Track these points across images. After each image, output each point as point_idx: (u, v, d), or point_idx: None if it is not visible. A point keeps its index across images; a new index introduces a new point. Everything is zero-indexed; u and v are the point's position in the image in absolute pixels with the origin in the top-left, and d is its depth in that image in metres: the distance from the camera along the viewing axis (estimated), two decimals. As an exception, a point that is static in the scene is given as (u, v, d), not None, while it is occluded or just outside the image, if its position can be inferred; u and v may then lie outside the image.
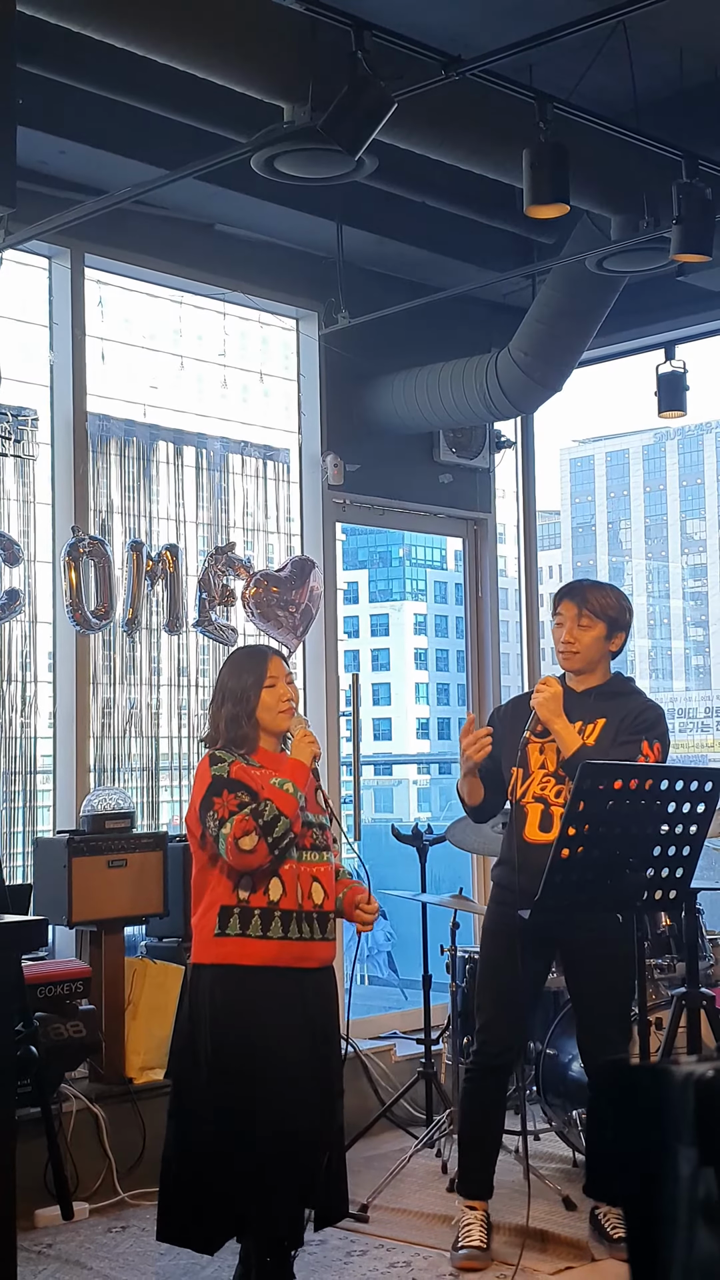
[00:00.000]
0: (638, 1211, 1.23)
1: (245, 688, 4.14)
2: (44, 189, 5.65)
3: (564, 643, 4.69)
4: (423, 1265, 4.56)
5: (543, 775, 4.60)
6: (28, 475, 5.84)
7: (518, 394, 6.56)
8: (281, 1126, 3.88)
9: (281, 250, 6.66)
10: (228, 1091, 3.92)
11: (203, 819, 3.99)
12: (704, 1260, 1.16)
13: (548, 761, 4.59)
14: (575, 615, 4.67)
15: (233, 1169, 3.90)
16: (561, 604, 4.73)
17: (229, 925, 3.98)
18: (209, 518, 6.50)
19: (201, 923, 4.05)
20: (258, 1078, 3.91)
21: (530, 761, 4.62)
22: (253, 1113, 3.89)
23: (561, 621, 4.70)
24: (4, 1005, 3.56)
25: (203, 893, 4.07)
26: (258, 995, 3.96)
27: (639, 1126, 1.23)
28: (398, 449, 7.19)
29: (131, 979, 5.52)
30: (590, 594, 4.70)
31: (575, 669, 4.68)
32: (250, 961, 3.97)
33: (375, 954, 9.05)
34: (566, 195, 4.79)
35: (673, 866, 4.11)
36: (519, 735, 4.63)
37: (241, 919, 3.98)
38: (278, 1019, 3.97)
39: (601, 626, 4.66)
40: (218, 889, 4.02)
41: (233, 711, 4.13)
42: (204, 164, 5.06)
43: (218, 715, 4.17)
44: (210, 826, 3.97)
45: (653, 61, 5.53)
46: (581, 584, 4.81)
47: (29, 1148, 4.23)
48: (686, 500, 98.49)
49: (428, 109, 4.91)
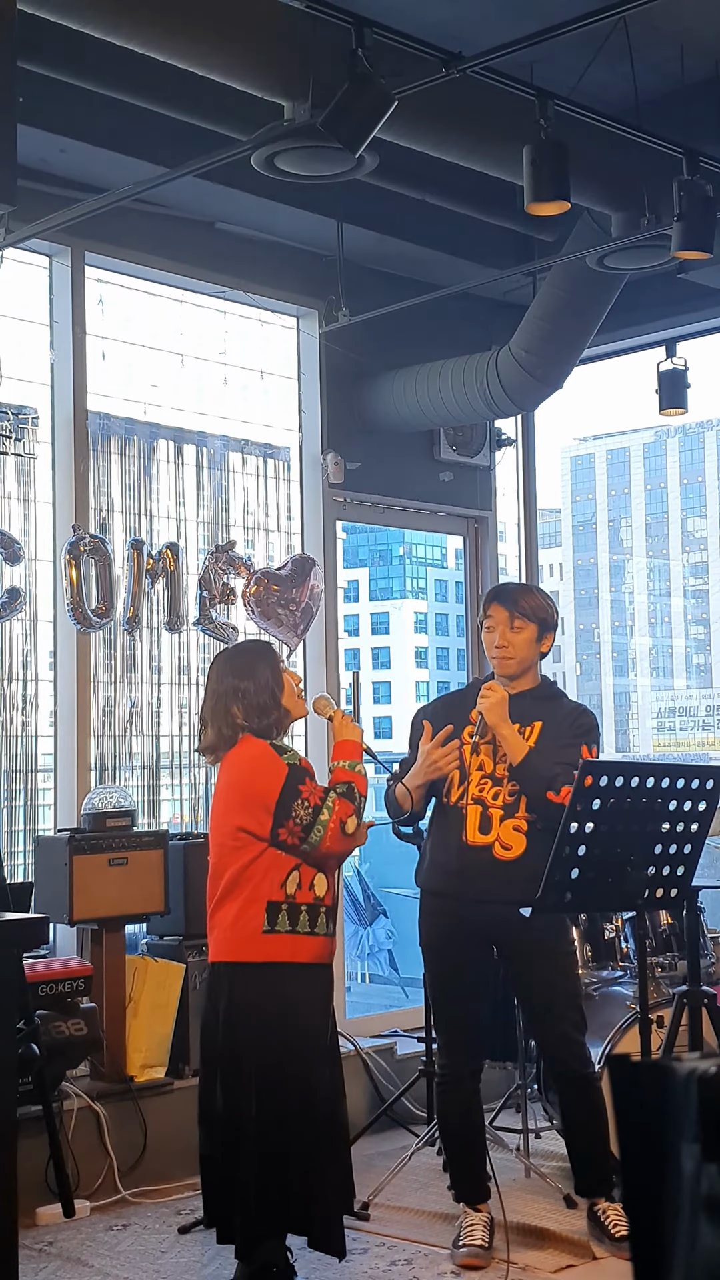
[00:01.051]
0: (640, 1208, 1.23)
1: (268, 677, 4.12)
2: (44, 187, 5.65)
3: (497, 647, 4.64)
4: (424, 1263, 4.56)
5: (480, 777, 4.56)
6: (28, 474, 5.83)
7: (518, 391, 6.56)
8: (331, 1122, 3.95)
9: (282, 248, 6.66)
10: (281, 1090, 3.92)
11: (286, 809, 3.93)
12: (707, 1257, 1.16)
13: (484, 763, 4.56)
14: (507, 619, 4.63)
15: (288, 1169, 3.91)
16: (491, 608, 4.69)
17: (278, 921, 3.94)
18: (209, 516, 6.50)
19: (241, 919, 3.98)
20: (299, 1072, 3.95)
21: (467, 762, 4.58)
22: (295, 1107, 3.92)
23: (492, 626, 4.66)
24: (5, 1003, 3.56)
25: (240, 888, 3.99)
26: (303, 991, 3.98)
27: (642, 1123, 1.23)
28: (398, 447, 7.19)
29: (132, 977, 5.52)
30: (519, 596, 4.68)
31: (511, 673, 4.64)
32: (300, 959, 3.97)
33: (376, 952, 9.05)
34: (567, 192, 4.79)
35: (674, 864, 4.12)
36: (454, 736, 4.59)
37: (290, 915, 3.95)
38: (319, 1017, 4.01)
39: (533, 628, 4.64)
40: (263, 884, 3.96)
41: (262, 701, 4.09)
42: (204, 162, 5.06)
43: (234, 710, 4.08)
44: (302, 815, 3.93)
45: (653, 58, 5.53)
46: (509, 587, 4.81)
47: (30, 1146, 4.23)
48: (687, 498, 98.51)
49: (428, 106, 4.90)
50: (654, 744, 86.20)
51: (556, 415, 67.10)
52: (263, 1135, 3.92)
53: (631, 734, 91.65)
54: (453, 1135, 4.75)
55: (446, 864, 4.57)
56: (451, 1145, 4.76)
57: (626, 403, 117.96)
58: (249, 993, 3.97)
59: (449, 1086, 4.71)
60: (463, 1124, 4.71)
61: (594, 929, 5.50)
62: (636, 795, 3.96)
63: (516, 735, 4.49)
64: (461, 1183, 4.72)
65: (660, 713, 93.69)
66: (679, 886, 4.17)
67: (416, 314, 6.70)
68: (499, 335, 6.77)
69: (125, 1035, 5.45)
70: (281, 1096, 3.94)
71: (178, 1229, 4.86)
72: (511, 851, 4.49)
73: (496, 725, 4.48)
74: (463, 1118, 4.71)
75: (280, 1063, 3.94)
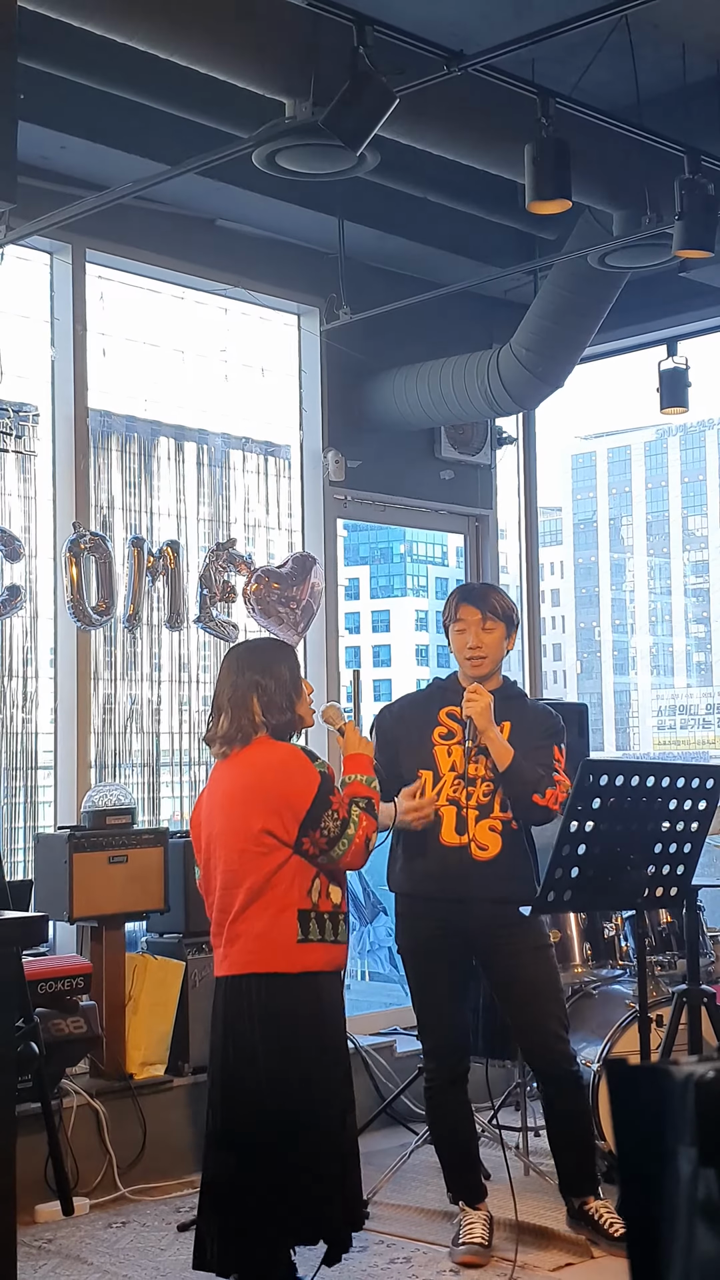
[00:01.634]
0: (637, 1212, 1.23)
1: (287, 678, 4.05)
2: (45, 184, 5.65)
3: (471, 648, 4.61)
4: (423, 1261, 4.56)
5: (453, 778, 4.53)
6: (29, 471, 5.83)
7: (519, 390, 6.56)
8: (344, 1132, 3.97)
9: (283, 246, 6.66)
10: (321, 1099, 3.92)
11: (317, 820, 3.86)
12: (704, 1261, 1.15)
13: (456, 763, 4.53)
14: (479, 620, 4.60)
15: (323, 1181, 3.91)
16: (462, 609, 4.64)
17: (310, 931, 3.88)
18: (210, 514, 6.50)
19: (274, 929, 3.88)
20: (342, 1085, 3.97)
21: (439, 763, 4.56)
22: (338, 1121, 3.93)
23: (463, 628, 4.62)
24: (4, 1001, 3.56)
25: (264, 894, 3.89)
26: (334, 1000, 3.97)
27: (639, 1127, 1.23)
28: (399, 445, 7.18)
29: (132, 975, 5.52)
30: (489, 596, 4.66)
31: (484, 674, 4.62)
32: (328, 967, 3.94)
33: (376, 950, 9.05)
34: (568, 191, 4.78)
35: (673, 863, 4.12)
36: (418, 737, 4.59)
37: (318, 924, 3.90)
38: (341, 1022, 4.00)
39: (502, 628, 4.63)
40: (291, 891, 3.88)
41: (283, 701, 4.01)
42: (205, 159, 5.06)
43: (252, 703, 4.00)
44: (330, 827, 3.87)
45: (655, 57, 5.53)
46: (475, 588, 4.79)
47: (29, 1143, 4.23)
48: (688, 496, 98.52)
49: (430, 104, 4.90)
50: (654, 742, 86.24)
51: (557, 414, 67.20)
52: (295, 1147, 3.87)
53: (632, 732, 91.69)
54: (443, 1140, 4.74)
55: (423, 866, 4.55)
56: (443, 1150, 4.75)
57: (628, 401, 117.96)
58: (284, 1004, 3.88)
59: (436, 1092, 4.70)
60: (453, 1129, 4.70)
61: (594, 928, 5.49)
62: (636, 794, 3.97)
63: (503, 739, 4.47)
64: (457, 1185, 4.72)
65: (660, 711, 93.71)
66: (679, 885, 4.17)
67: (417, 312, 6.69)
68: (500, 333, 6.77)
69: (125, 1033, 5.45)
70: (319, 1107, 3.91)
71: (177, 1226, 4.86)
72: (488, 851, 4.49)
73: (485, 729, 4.45)
74: (453, 1123, 4.70)
75: (314, 1072, 3.91)
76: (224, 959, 3.99)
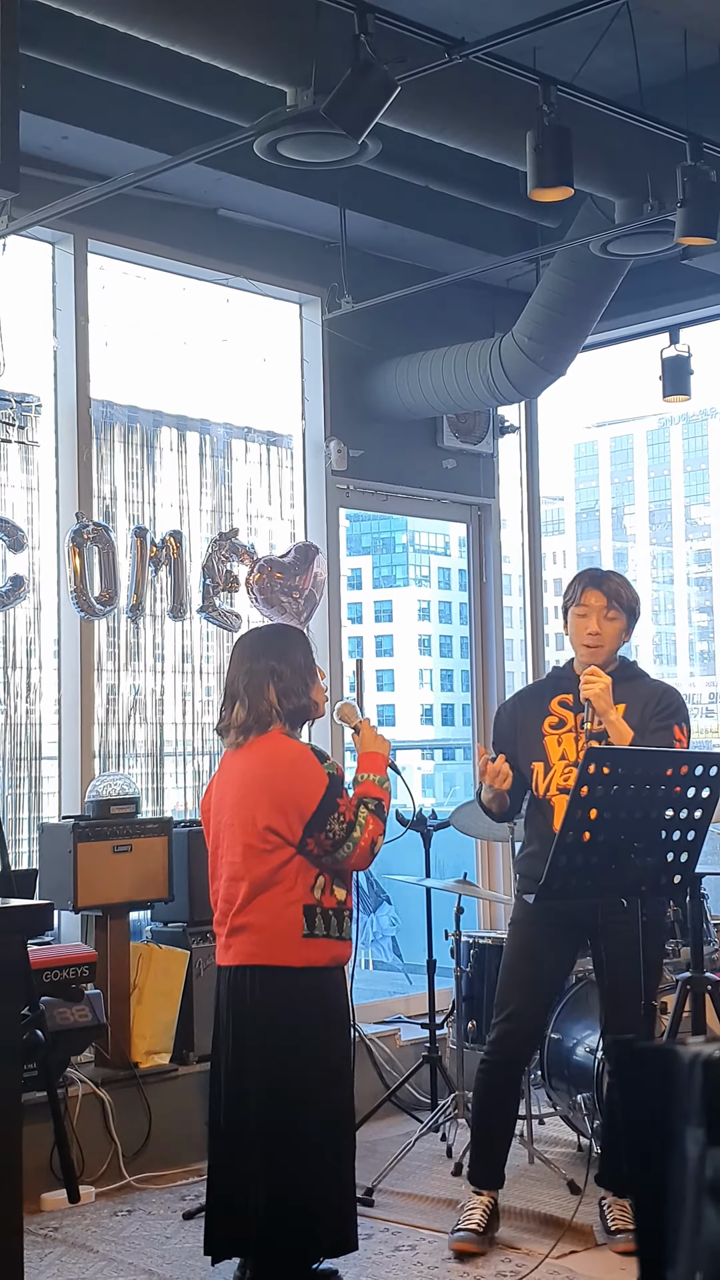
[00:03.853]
0: (645, 1192, 1.23)
1: (302, 663, 4.04)
2: (47, 174, 5.64)
3: (590, 634, 4.53)
4: (428, 1249, 4.57)
5: (564, 766, 4.50)
6: (31, 461, 5.83)
7: (521, 378, 6.55)
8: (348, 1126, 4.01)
9: (285, 235, 6.65)
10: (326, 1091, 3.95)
11: (323, 822, 3.88)
12: (711, 1240, 1.16)
13: (567, 752, 4.51)
14: (603, 608, 4.53)
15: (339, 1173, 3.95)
16: (587, 593, 4.55)
17: (315, 926, 3.91)
18: (212, 504, 6.50)
19: (280, 923, 3.91)
20: (344, 1075, 3.99)
21: (549, 754, 4.54)
22: (344, 1111, 3.96)
23: (585, 612, 4.54)
24: (10, 989, 3.56)
25: (271, 888, 3.92)
26: (337, 994, 3.99)
27: (646, 1108, 1.23)
28: (401, 434, 7.18)
29: (137, 964, 5.52)
30: (618, 586, 4.57)
31: (599, 662, 4.53)
32: (332, 962, 3.96)
33: (380, 939, 9.05)
34: (570, 179, 4.77)
35: (678, 851, 4.11)
36: (533, 729, 4.56)
37: (324, 919, 3.93)
38: (345, 1017, 4.01)
39: (624, 619, 4.56)
40: (295, 888, 3.91)
41: (293, 685, 3.99)
42: (207, 149, 5.04)
43: (268, 690, 3.99)
44: (336, 830, 3.88)
45: (657, 44, 5.51)
46: (604, 573, 4.65)
47: (35, 1132, 4.22)
48: (691, 485, 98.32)
49: (431, 92, 4.89)
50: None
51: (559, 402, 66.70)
52: (300, 1140, 3.89)
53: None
54: (486, 1116, 4.63)
55: (539, 854, 4.47)
56: (481, 1126, 4.65)
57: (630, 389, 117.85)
58: (288, 998, 3.91)
59: (496, 1070, 4.58)
60: (501, 1109, 4.62)
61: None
62: (641, 782, 3.96)
63: (623, 722, 4.37)
64: (479, 1165, 4.64)
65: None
66: (683, 873, 4.16)
67: (419, 300, 6.68)
68: (502, 322, 6.76)
69: (130, 1022, 5.45)
70: (322, 1100, 3.94)
71: (182, 1214, 4.87)
72: None
73: (605, 711, 4.34)
74: (502, 1103, 4.61)
75: (338, 1071, 3.96)
76: (227, 949, 4.01)
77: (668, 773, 3.98)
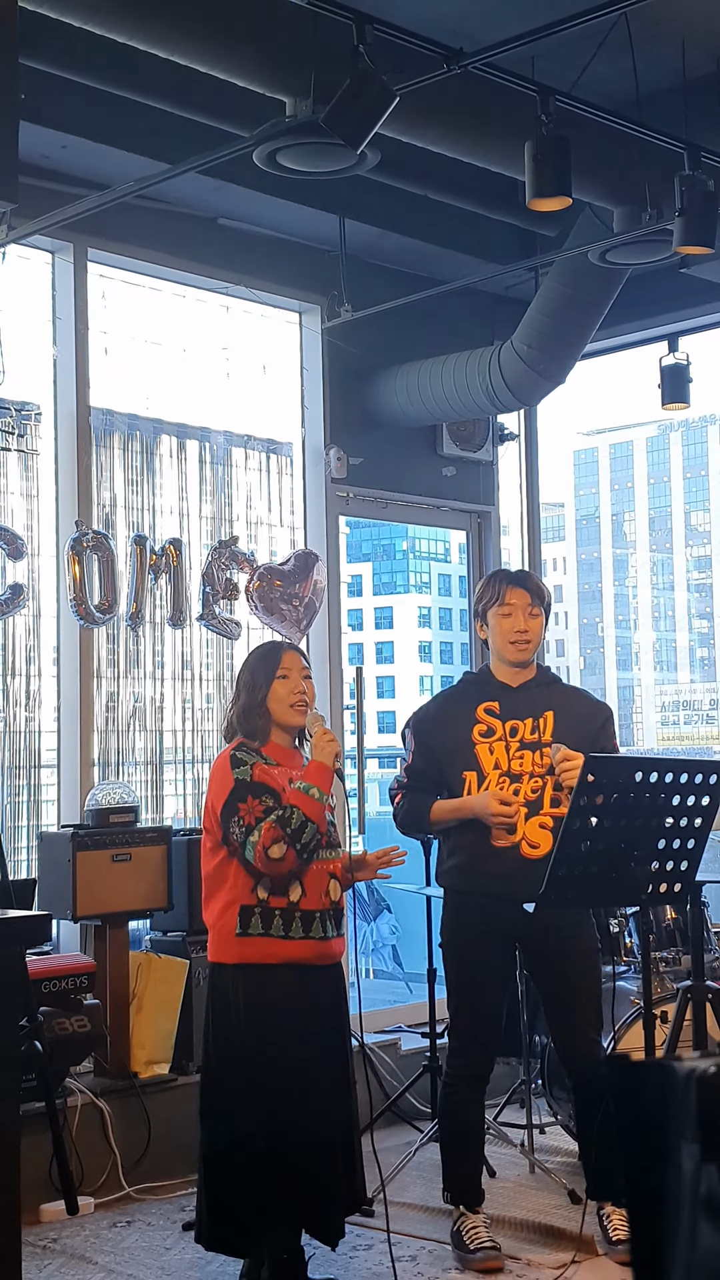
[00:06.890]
0: (640, 1208, 1.23)
1: (257, 679, 4.16)
2: (47, 184, 5.65)
3: (518, 633, 4.53)
4: (428, 1259, 4.56)
5: (498, 775, 4.49)
6: (31, 469, 5.84)
7: (521, 386, 6.56)
8: (303, 1120, 3.94)
9: (284, 244, 6.66)
10: (253, 1087, 3.97)
11: (225, 824, 3.99)
12: (706, 1257, 1.16)
13: (500, 761, 4.49)
14: (527, 605, 4.55)
15: (261, 1165, 3.94)
16: (511, 591, 4.55)
17: (250, 925, 3.98)
18: (212, 511, 6.50)
19: (220, 921, 4.04)
20: (280, 1074, 3.96)
21: (482, 763, 4.51)
22: (278, 1108, 3.94)
23: (509, 611, 4.54)
24: (8, 1000, 3.56)
25: (218, 889, 4.06)
26: (280, 994, 3.99)
27: (642, 1122, 1.23)
28: (401, 442, 7.18)
29: (136, 973, 5.52)
30: (538, 583, 4.63)
31: (527, 660, 4.58)
32: (273, 960, 3.98)
33: (380, 948, 9.05)
34: (569, 188, 4.78)
35: (677, 859, 4.11)
36: (461, 738, 4.53)
37: (263, 919, 3.98)
38: (298, 1017, 4.01)
39: (543, 616, 4.60)
40: (236, 887, 4.01)
41: (246, 703, 4.15)
42: (206, 158, 5.06)
43: (232, 709, 4.22)
44: (236, 833, 3.96)
45: (655, 53, 5.52)
46: (524, 572, 4.72)
47: (34, 1142, 4.22)
48: (690, 492, 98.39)
49: (430, 102, 4.90)
50: (658, 738, 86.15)
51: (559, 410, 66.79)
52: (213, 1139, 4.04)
53: (635, 728, 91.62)
54: (452, 1139, 4.66)
55: (474, 864, 4.49)
56: (449, 1148, 4.66)
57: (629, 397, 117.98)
58: (226, 992, 4.05)
59: (454, 1089, 4.61)
60: (464, 1128, 4.64)
61: (598, 924, 5.49)
62: (640, 790, 3.96)
63: None
64: (457, 1186, 4.62)
65: (664, 707, 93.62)
66: (683, 881, 4.16)
67: (419, 309, 6.69)
68: (501, 330, 6.76)
69: (129, 1031, 5.45)
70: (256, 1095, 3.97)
71: (182, 1225, 4.86)
72: (539, 850, 4.40)
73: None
74: (464, 1122, 4.63)
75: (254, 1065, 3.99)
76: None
77: (667, 781, 3.99)
